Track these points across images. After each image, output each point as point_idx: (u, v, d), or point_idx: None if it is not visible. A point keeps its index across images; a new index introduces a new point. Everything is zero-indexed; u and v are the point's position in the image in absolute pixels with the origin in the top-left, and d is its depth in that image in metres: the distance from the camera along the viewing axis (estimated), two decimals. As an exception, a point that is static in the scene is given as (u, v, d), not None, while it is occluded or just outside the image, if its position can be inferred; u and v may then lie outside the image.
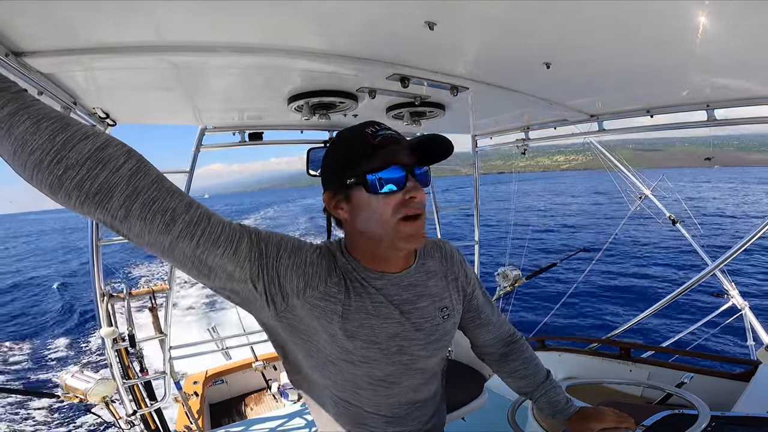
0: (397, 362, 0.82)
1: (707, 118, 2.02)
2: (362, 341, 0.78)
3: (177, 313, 10.37)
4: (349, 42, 1.24)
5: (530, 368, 1.06)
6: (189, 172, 2.37)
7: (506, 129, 3.05)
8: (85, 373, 2.04)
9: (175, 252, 0.60)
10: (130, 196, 0.54)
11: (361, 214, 0.76)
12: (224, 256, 0.64)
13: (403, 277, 0.85)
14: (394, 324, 0.81)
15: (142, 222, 0.56)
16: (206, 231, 0.61)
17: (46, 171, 0.51)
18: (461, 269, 0.98)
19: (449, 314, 0.91)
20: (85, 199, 0.53)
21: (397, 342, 0.81)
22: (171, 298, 2.52)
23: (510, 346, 1.08)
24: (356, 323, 0.77)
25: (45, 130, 0.51)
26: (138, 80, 1.47)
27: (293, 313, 0.74)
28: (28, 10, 0.89)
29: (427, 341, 0.86)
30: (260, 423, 3.01)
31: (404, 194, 0.74)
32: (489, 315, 1.05)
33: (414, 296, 0.85)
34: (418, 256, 0.90)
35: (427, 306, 0.87)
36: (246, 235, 0.68)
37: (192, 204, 0.61)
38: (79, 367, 8.69)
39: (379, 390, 0.84)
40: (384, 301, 0.81)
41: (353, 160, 0.75)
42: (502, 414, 1.18)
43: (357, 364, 0.79)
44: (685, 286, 3.22)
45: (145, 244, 0.59)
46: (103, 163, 0.53)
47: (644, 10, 0.99)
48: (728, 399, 1.75)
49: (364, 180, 0.74)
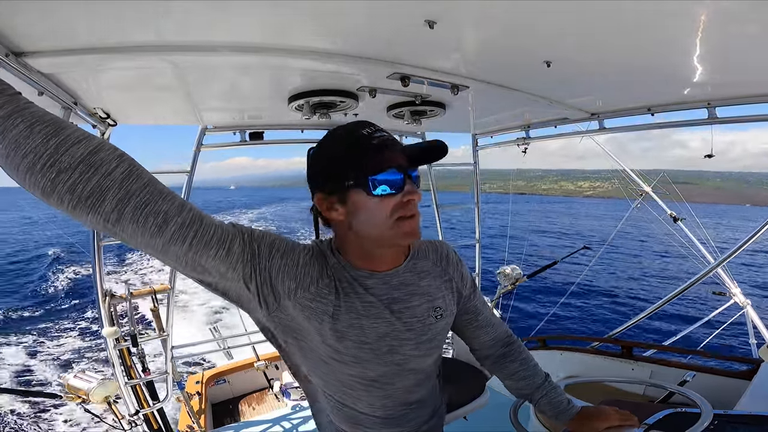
0: (389, 362, 0.82)
1: (708, 117, 2.02)
2: (352, 341, 0.78)
3: (179, 312, 10.38)
4: (350, 41, 1.24)
5: (529, 369, 1.05)
6: (189, 172, 2.36)
7: (507, 128, 3.04)
8: (87, 373, 2.05)
9: (169, 253, 0.61)
10: (122, 199, 0.55)
11: (359, 216, 0.76)
12: (216, 258, 0.64)
13: (392, 276, 0.84)
14: (384, 324, 0.81)
15: (134, 225, 0.56)
16: (198, 233, 0.62)
17: (39, 174, 0.51)
18: (456, 270, 0.97)
19: (442, 314, 0.90)
20: (78, 202, 0.53)
21: (388, 342, 0.81)
22: (172, 297, 2.52)
23: (508, 348, 1.08)
24: (346, 323, 0.77)
25: (38, 134, 0.51)
26: (138, 80, 1.47)
27: (285, 313, 0.75)
28: (28, 10, 0.89)
29: (418, 341, 0.85)
30: (262, 423, 3.01)
31: (402, 197, 0.75)
32: (487, 316, 1.05)
33: (405, 295, 0.85)
34: (410, 255, 0.89)
35: (419, 305, 0.86)
36: (239, 236, 0.68)
37: (184, 206, 0.61)
38: (81, 367, 8.71)
39: (372, 391, 0.84)
40: (374, 301, 0.81)
41: (352, 162, 0.74)
42: (504, 413, 1.18)
43: (349, 364, 0.79)
44: (687, 284, 3.22)
45: (139, 246, 0.60)
46: (95, 167, 0.53)
47: (645, 9, 0.99)
48: (730, 397, 1.75)
49: (365, 182, 0.73)
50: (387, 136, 0.76)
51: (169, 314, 2.54)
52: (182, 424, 2.90)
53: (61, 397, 2.02)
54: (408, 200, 0.75)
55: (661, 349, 2.97)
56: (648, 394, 2.30)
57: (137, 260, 18.80)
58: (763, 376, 1.84)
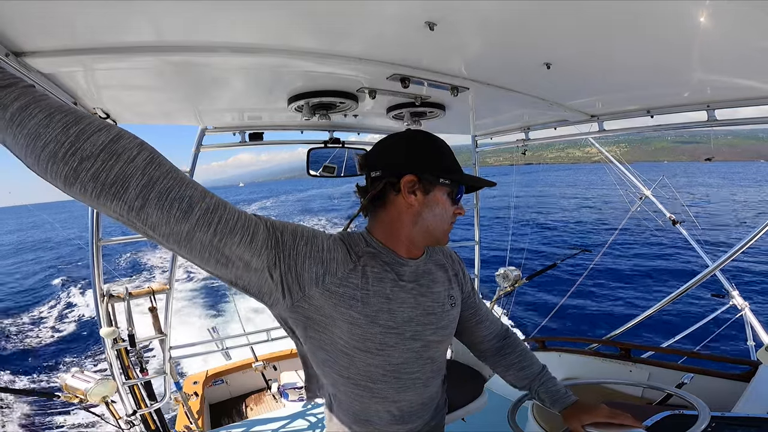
0: (410, 349, 0.85)
1: (707, 119, 2.02)
2: (381, 326, 0.80)
3: (177, 312, 10.36)
4: (350, 42, 1.24)
5: (526, 360, 1.11)
6: (189, 173, 2.36)
7: (506, 129, 3.05)
8: (85, 373, 2.04)
9: (193, 241, 0.60)
10: (146, 185, 0.54)
11: (434, 210, 0.86)
12: (241, 244, 0.64)
13: (419, 264, 0.91)
14: (409, 308, 0.85)
15: (159, 211, 0.56)
16: (223, 218, 0.61)
17: (61, 163, 0.51)
18: (459, 267, 1.06)
19: (455, 303, 0.97)
20: (101, 190, 0.53)
21: (413, 327, 0.85)
22: (171, 298, 2.52)
23: (505, 341, 1.14)
24: (376, 307, 0.80)
25: (58, 123, 0.51)
26: (138, 80, 1.47)
27: (310, 303, 0.75)
28: (28, 10, 0.89)
29: (437, 326, 0.90)
30: (260, 423, 3.01)
31: (457, 208, 0.91)
32: (485, 312, 1.12)
33: (429, 281, 0.92)
34: (426, 249, 0.97)
35: (440, 291, 0.93)
36: (262, 224, 0.68)
37: (207, 192, 0.61)
38: (79, 367, 8.69)
39: (391, 382, 0.85)
40: (405, 285, 0.86)
41: (452, 165, 0.89)
42: (502, 415, 1.18)
43: (373, 352, 0.81)
44: (686, 286, 3.22)
45: (162, 236, 0.58)
46: (117, 155, 0.53)
47: (645, 11, 0.99)
48: (728, 399, 1.75)
49: (457, 187, 0.88)
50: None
51: (168, 315, 2.53)
52: (180, 424, 2.89)
53: (58, 397, 2.02)
54: (459, 212, 0.92)
55: (659, 351, 2.97)
56: (646, 395, 2.30)
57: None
58: (761, 379, 1.84)
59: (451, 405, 1.69)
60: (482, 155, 3.31)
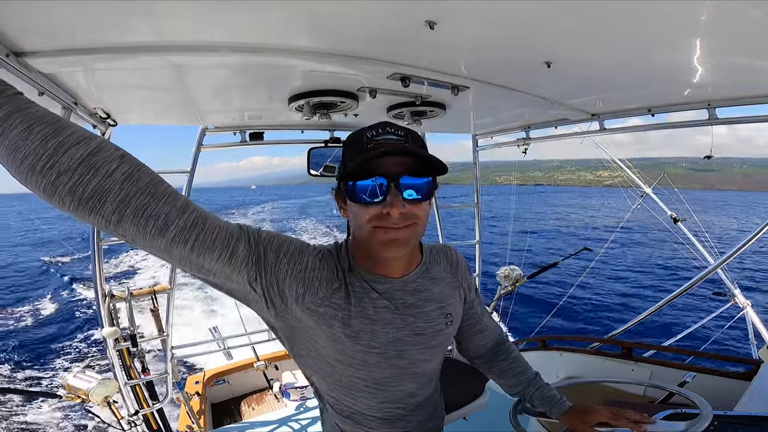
0: (395, 366, 0.83)
1: (708, 117, 2.02)
2: (362, 346, 0.78)
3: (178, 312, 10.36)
4: (350, 42, 1.24)
5: (519, 366, 1.09)
6: (190, 173, 2.37)
7: (507, 128, 3.04)
8: (87, 373, 2.04)
9: (173, 254, 0.60)
10: (123, 201, 0.54)
11: (357, 219, 0.75)
12: (220, 261, 0.64)
13: (406, 282, 0.84)
14: (394, 329, 0.81)
15: (135, 227, 0.55)
16: (200, 236, 0.61)
17: (39, 175, 0.51)
18: (464, 277, 0.98)
19: (452, 321, 0.91)
20: (79, 204, 0.52)
21: (398, 347, 0.81)
22: (172, 298, 2.52)
23: (499, 347, 1.11)
24: (357, 328, 0.77)
25: (37, 135, 0.50)
26: (138, 80, 1.47)
27: (293, 315, 0.75)
28: (28, 10, 0.89)
29: (426, 346, 0.86)
30: (262, 423, 3.01)
31: (383, 208, 0.70)
32: (485, 322, 1.08)
33: (419, 301, 0.85)
34: (423, 261, 0.89)
35: (432, 311, 0.86)
36: (244, 239, 0.67)
37: (187, 208, 0.60)
38: (81, 367, 8.71)
39: (374, 393, 0.84)
40: (387, 306, 0.80)
41: (346, 164, 0.75)
42: (503, 413, 1.18)
43: (355, 367, 0.79)
44: (687, 285, 3.22)
45: (142, 247, 0.60)
46: (95, 168, 0.52)
47: (645, 10, 0.99)
48: (730, 398, 1.75)
49: (346, 186, 0.73)
50: (391, 141, 0.72)
51: (169, 315, 2.53)
52: (182, 424, 2.89)
53: (60, 397, 2.02)
54: (382, 211, 0.70)
55: (661, 350, 2.97)
56: (648, 394, 2.30)
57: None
58: (763, 377, 1.84)
59: (453, 404, 1.69)
60: (489, 172, 3.27)
